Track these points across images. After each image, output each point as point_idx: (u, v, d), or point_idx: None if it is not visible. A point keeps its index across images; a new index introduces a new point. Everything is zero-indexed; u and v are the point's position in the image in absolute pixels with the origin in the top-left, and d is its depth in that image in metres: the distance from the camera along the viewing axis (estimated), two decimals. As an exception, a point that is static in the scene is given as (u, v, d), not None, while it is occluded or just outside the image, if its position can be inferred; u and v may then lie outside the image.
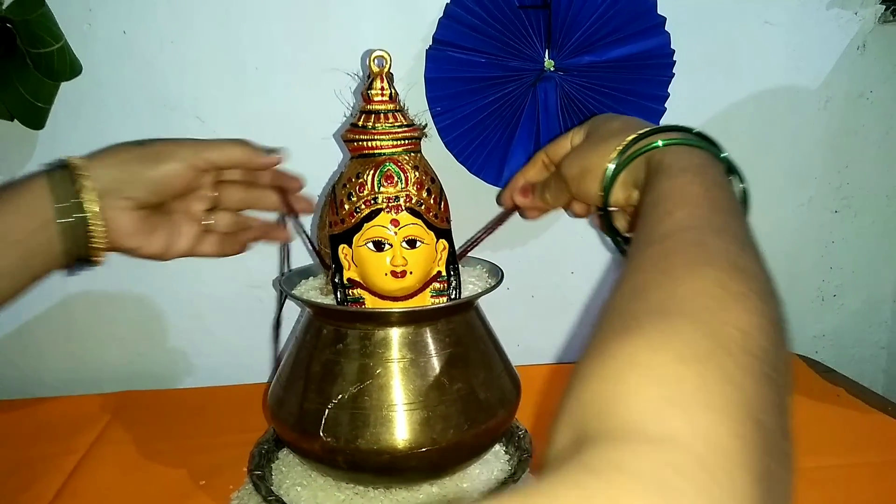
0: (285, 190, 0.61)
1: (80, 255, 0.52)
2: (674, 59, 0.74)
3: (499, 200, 0.71)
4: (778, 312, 0.33)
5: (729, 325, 0.29)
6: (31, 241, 0.50)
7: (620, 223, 0.54)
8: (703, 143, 0.47)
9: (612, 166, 0.48)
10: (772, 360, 0.29)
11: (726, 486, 0.23)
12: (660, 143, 0.47)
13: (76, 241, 0.51)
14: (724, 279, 0.32)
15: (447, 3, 0.71)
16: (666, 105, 0.76)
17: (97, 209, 0.51)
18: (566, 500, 0.22)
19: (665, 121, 0.76)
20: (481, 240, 0.64)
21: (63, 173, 0.51)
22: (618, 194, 0.49)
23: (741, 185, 0.49)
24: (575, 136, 0.57)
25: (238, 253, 0.62)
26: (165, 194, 0.55)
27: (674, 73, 0.74)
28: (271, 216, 0.65)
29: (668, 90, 0.75)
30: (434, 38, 0.72)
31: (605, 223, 0.53)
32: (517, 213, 0.64)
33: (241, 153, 0.57)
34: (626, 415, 0.25)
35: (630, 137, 0.48)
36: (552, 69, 0.73)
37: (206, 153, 0.55)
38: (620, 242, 0.54)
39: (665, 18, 0.72)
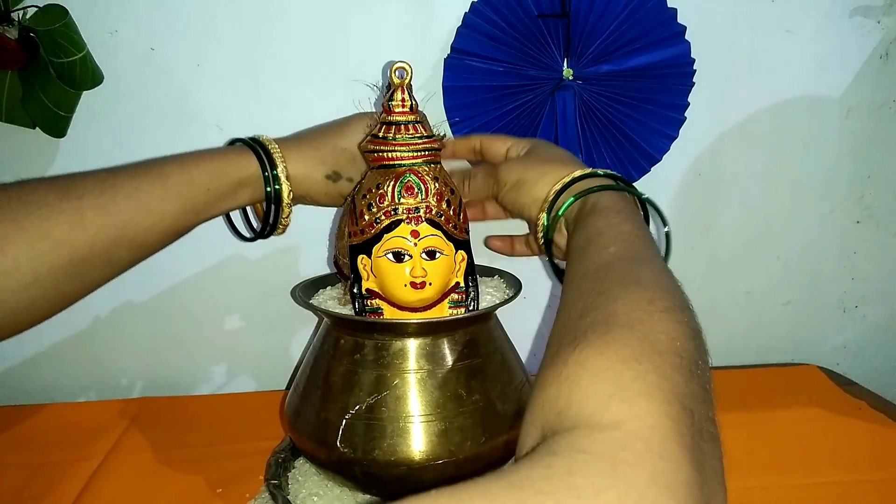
0: None
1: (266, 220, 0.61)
2: (694, 68, 0.73)
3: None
4: (695, 322, 0.39)
5: (658, 332, 0.35)
6: (221, 212, 0.59)
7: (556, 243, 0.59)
8: (629, 188, 0.55)
9: (560, 200, 0.55)
10: (694, 359, 0.35)
11: (663, 456, 0.28)
12: (595, 187, 0.54)
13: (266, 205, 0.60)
14: (652, 297, 0.39)
15: (465, 13, 0.71)
16: (686, 114, 0.75)
17: (287, 185, 0.59)
18: (535, 477, 0.27)
19: (686, 130, 0.76)
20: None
21: (257, 145, 0.59)
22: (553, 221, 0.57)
23: (666, 228, 0.57)
24: (515, 146, 0.63)
25: None
26: (348, 161, 0.62)
27: (694, 83, 0.74)
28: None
29: (689, 99, 0.75)
30: (452, 47, 0.72)
31: (545, 243, 0.58)
32: None
33: None
34: (581, 409, 0.31)
35: (574, 175, 0.55)
36: (571, 78, 0.73)
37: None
38: (552, 259, 0.60)
39: (685, 27, 0.72)
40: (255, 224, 0.66)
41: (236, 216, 0.67)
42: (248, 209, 0.65)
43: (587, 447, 0.28)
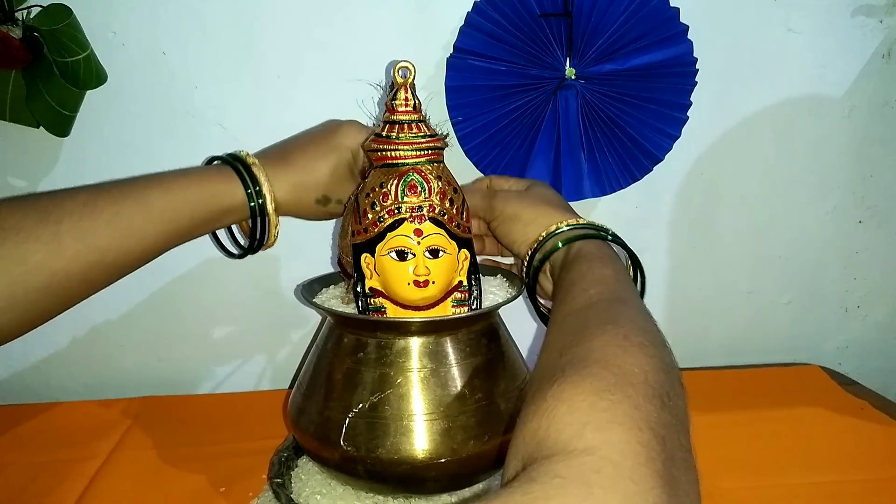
0: None
1: (254, 240, 0.61)
2: (696, 67, 0.73)
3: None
4: (669, 358, 0.41)
5: (631, 366, 0.37)
6: (203, 233, 0.58)
7: (541, 285, 0.62)
8: (609, 236, 0.58)
9: (548, 244, 0.58)
10: (666, 391, 0.37)
11: (633, 479, 0.30)
12: (580, 235, 0.57)
13: (254, 224, 0.60)
14: (626, 333, 0.40)
15: (468, 12, 0.71)
16: (688, 113, 0.75)
17: (274, 215, 0.60)
18: (515, 502, 0.28)
19: (688, 129, 0.76)
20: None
21: (240, 166, 0.59)
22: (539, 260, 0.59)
23: (640, 271, 0.60)
24: (516, 183, 0.67)
25: None
26: (338, 182, 0.62)
27: (696, 82, 0.74)
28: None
29: (691, 98, 0.75)
30: (455, 47, 0.72)
31: (528, 283, 0.61)
32: None
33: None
34: (558, 438, 0.32)
35: (567, 222, 0.58)
36: (573, 77, 0.73)
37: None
38: (539, 305, 0.64)
39: (688, 27, 0.72)
40: (241, 241, 0.66)
41: (222, 233, 0.67)
42: (234, 227, 0.65)
43: (563, 472, 0.30)
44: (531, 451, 0.33)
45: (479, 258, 0.59)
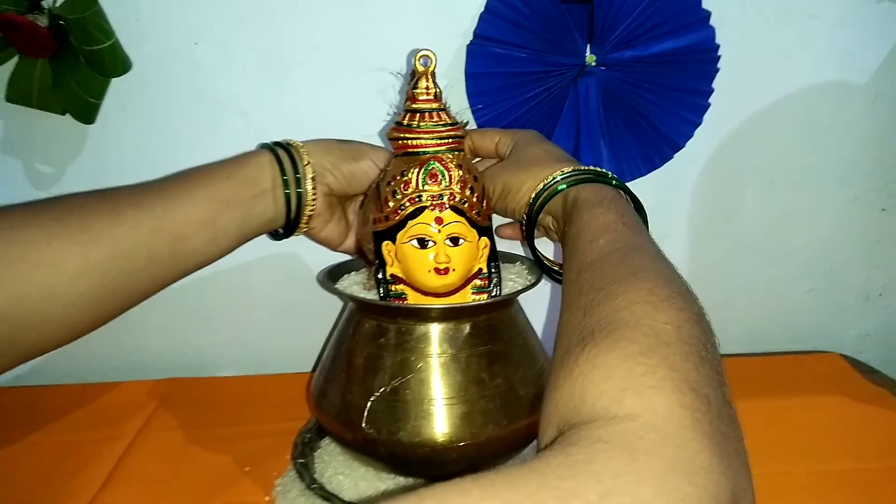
0: None
1: (287, 225, 0.62)
2: (718, 53, 0.73)
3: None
4: (697, 306, 0.40)
5: (663, 324, 0.36)
6: (250, 207, 0.59)
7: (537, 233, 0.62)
8: (608, 179, 0.56)
9: (538, 201, 0.57)
10: (702, 344, 0.36)
11: (678, 444, 0.29)
12: (574, 182, 0.55)
13: (289, 211, 0.61)
14: (651, 287, 0.39)
15: (488, -2, 0.71)
16: (710, 100, 0.75)
17: (311, 187, 0.60)
18: (556, 464, 0.28)
19: (711, 116, 0.75)
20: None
21: (284, 152, 0.61)
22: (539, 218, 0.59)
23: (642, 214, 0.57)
24: (503, 140, 0.65)
25: None
26: (354, 188, 0.63)
27: (718, 68, 0.73)
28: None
29: (713, 85, 0.74)
30: (475, 34, 0.72)
31: (528, 239, 0.60)
32: None
33: None
34: (596, 404, 0.32)
35: (554, 175, 0.56)
36: (594, 64, 0.73)
37: None
38: (542, 260, 0.63)
39: (710, 12, 0.71)
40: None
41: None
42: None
43: (605, 437, 0.29)
44: (567, 417, 0.33)
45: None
